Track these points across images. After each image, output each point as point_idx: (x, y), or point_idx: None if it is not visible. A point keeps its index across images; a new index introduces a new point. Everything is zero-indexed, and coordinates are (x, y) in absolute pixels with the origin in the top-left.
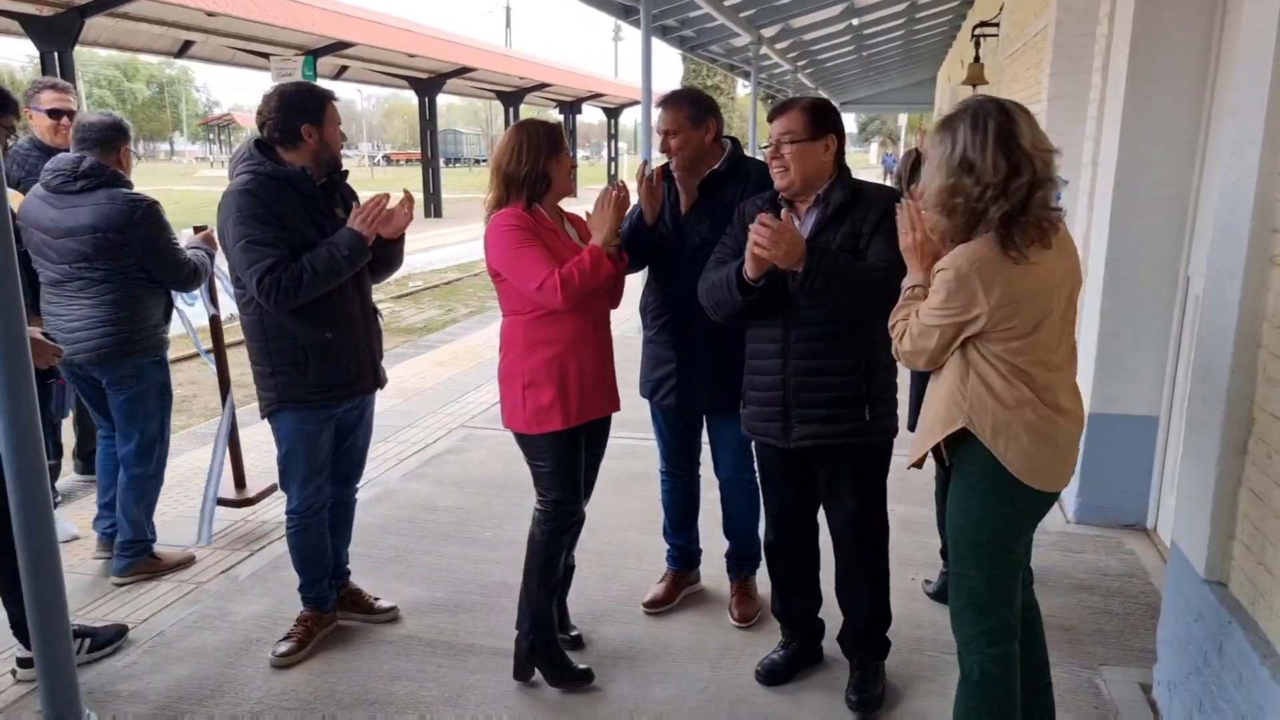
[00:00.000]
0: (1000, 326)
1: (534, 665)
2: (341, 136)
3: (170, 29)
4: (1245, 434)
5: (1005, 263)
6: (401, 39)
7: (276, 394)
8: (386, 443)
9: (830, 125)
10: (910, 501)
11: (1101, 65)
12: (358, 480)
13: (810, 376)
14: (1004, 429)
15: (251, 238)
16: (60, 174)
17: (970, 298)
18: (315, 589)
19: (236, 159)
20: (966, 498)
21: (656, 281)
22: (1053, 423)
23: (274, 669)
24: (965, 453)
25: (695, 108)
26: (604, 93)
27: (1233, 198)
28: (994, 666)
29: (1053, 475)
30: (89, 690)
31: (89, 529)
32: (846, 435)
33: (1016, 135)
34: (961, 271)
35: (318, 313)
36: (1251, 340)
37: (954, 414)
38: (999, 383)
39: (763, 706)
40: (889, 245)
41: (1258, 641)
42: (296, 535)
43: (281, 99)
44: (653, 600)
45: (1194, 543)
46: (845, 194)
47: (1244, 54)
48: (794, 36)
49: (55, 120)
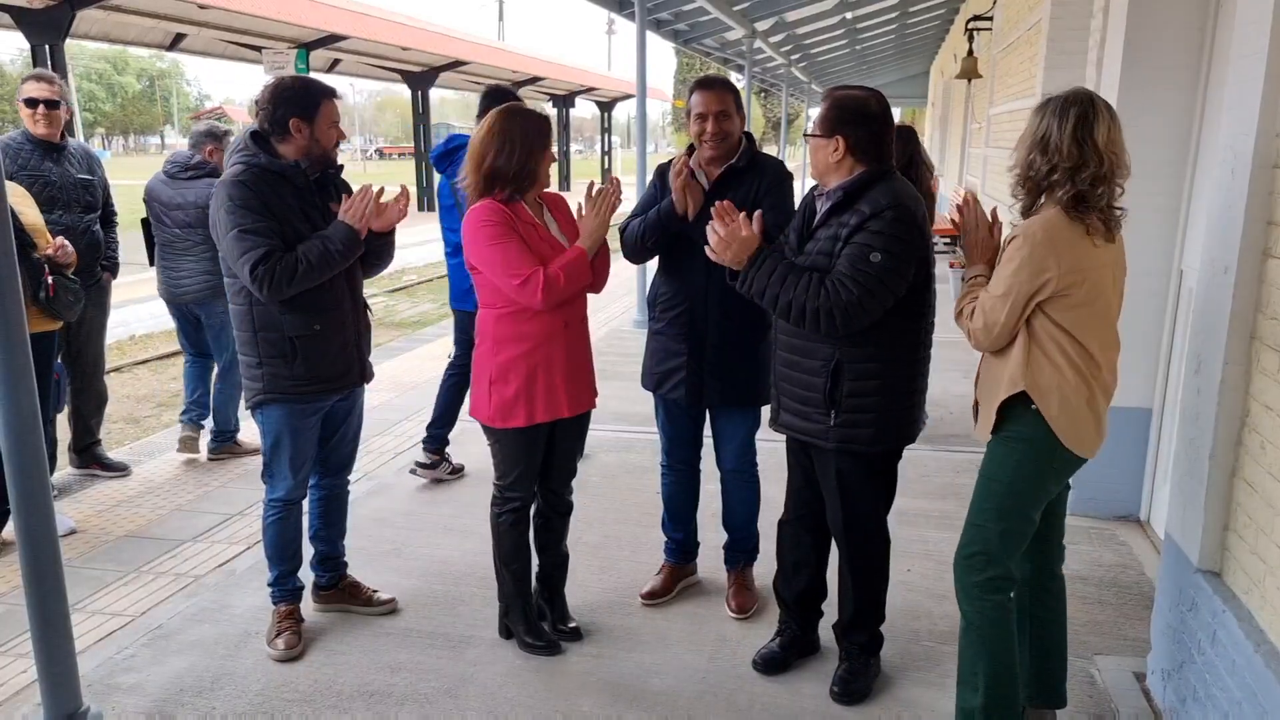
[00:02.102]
0: (1065, 292)
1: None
2: (340, 135)
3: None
4: (1239, 425)
5: (1074, 232)
6: (394, 32)
7: (263, 385)
8: (383, 436)
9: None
10: (905, 494)
11: (1096, 59)
12: (350, 471)
13: (786, 369)
14: (1058, 395)
15: (244, 227)
16: (176, 165)
17: (1042, 261)
18: (291, 581)
19: (232, 149)
20: (1004, 455)
21: (669, 274)
22: (1096, 394)
23: (276, 662)
24: (1014, 416)
25: (737, 98)
26: (597, 86)
27: (1227, 191)
28: (995, 611)
29: (1088, 442)
30: (89, 683)
31: (86, 522)
32: (812, 435)
33: (1093, 129)
34: (1036, 238)
35: (308, 304)
36: (1246, 332)
37: (1016, 379)
38: (1057, 353)
39: (760, 696)
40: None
41: (1251, 630)
42: (277, 523)
43: (274, 91)
44: (650, 592)
45: (1188, 533)
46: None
47: (1238, 47)
48: (788, 30)
49: (32, 109)
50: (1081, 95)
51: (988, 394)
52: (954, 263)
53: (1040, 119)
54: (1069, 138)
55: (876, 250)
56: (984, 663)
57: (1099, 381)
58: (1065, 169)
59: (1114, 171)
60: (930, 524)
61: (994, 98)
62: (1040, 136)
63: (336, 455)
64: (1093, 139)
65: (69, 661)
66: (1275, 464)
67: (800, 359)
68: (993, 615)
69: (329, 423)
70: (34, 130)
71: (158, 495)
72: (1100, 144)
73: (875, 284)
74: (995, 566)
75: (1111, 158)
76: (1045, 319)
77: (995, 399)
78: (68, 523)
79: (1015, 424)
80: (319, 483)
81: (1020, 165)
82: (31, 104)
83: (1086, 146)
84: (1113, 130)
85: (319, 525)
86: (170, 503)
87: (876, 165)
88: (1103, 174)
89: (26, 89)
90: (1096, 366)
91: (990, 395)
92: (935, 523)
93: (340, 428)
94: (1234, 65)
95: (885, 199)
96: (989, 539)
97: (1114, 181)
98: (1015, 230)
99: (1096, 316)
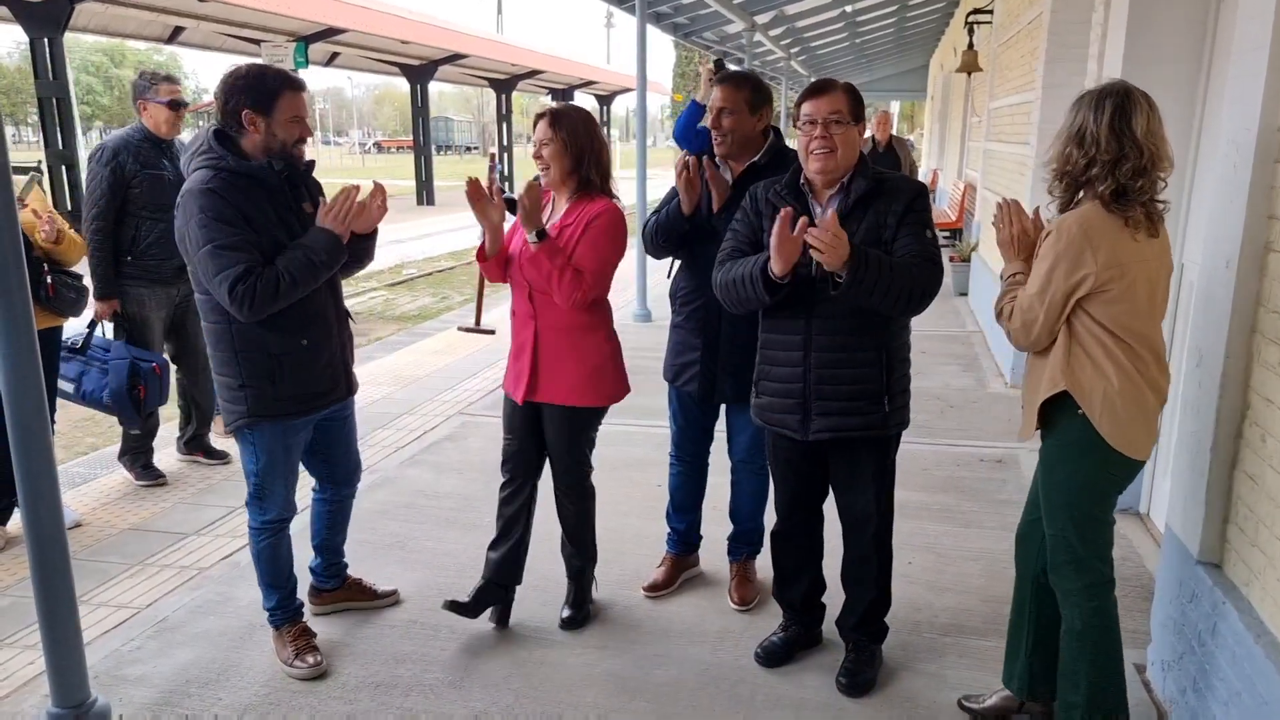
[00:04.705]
0: (1104, 288)
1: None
2: (305, 131)
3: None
4: (1240, 418)
5: (1112, 225)
6: (393, 25)
7: (246, 408)
8: (384, 430)
9: (863, 112)
10: (906, 487)
11: (1097, 53)
12: (358, 479)
13: (832, 369)
14: (1100, 396)
15: (219, 242)
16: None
17: (1078, 258)
18: (293, 601)
19: (192, 151)
20: (1059, 460)
21: (689, 269)
22: (1144, 394)
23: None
24: (1059, 417)
25: (756, 94)
26: (596, 80)
27: (1229, 185)
28: (1096, 618)
29: (1139, 444)
30: (95, 674)
31: (90, 516)
32: (865, 427)
33: (1131, 120)
34: (1071, 233)
35: (291, 319)
36: (1247, 326)
37: (1056, 379)
38: (1099, 352)
39: (763, 688)
40: (916, 237)
41: (1251, 621)
42: (272, 546)
43: (226, 80)
44: (653, 584)
45: (1188, 525)
46: (867, 184)
47: (1239, 41)
48: (787, 23)
49: (175, 111)
50: (1117, 86)
51: (1030, 394)
52: (954, 256)
53: (1075, 113)
54: (1106, 130)
55: (928, 228)
56: (1085, 665)
57: (1147, 379)
58: (1104, 162)
59: (1155, 163)
60: (931, 517)
61: (994, 91)
62: (1076, 130)
63: (341, 468)
64: (1131, 130)
65: (77, 653)
66: (1276, 457)
67: (851, 354)
68: (1094, 621)
69: (325, 438)
70: (164, 132)
71: (161, 489)
72: (1139, 135)
73: (939, 260)
74: (1087, 573)
75: (1152, 149)
76: (1086, 316)
77: (1036, 399)
78: (73, 515)
79: (1063, 427)
80: (326, 495)
81: (1056, 160)
82: (175, 106)
83: (1125, 138)
84: (1152, 120)
85: (325, 533)
86: (173, 496)
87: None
88: (1143, 166)
89: (164, 90)
90: (1143, 364)
91: (1032, 395)
92: (936, 516)
93: (337, 442)
94: (1235, 59)
95: (909, 182)
96: (1071, 546)
97: (1155, 173)
98: (1050, 226)
99: (1138, 313)
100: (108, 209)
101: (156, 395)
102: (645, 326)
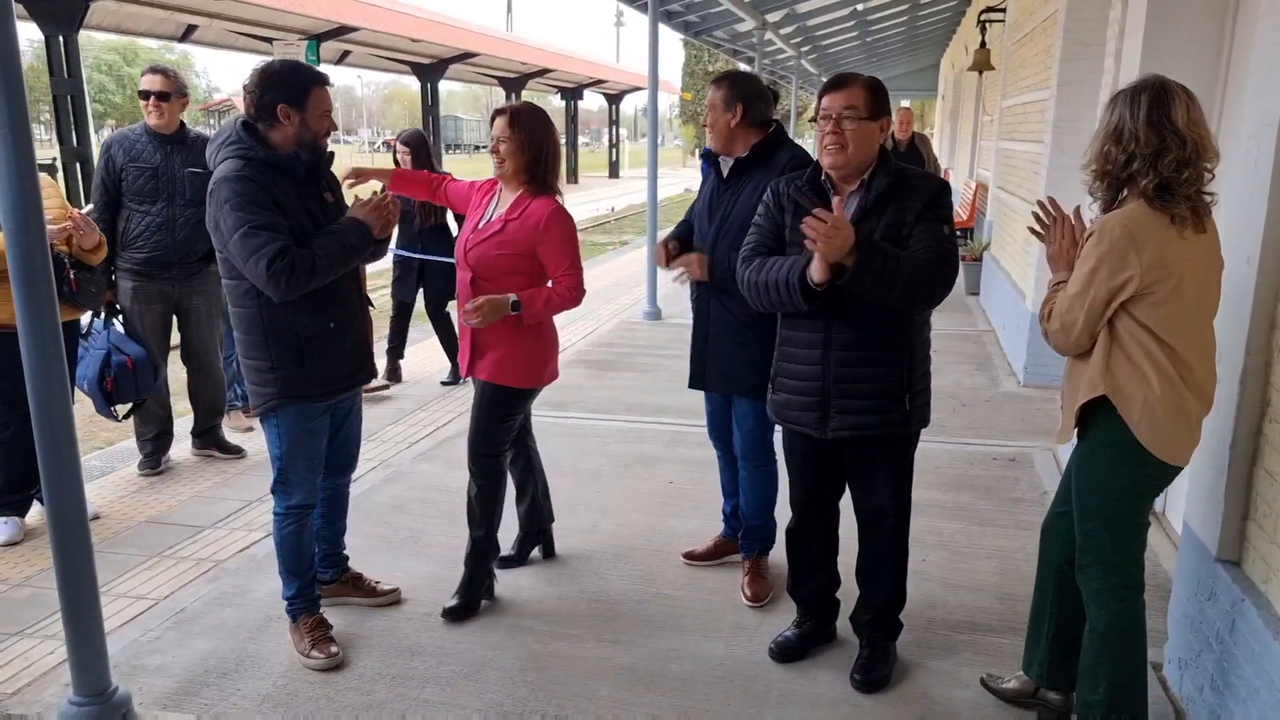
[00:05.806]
0: (1150, 289)
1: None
2: (331, 125)
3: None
4: (1260, 415)
5: (1158, 223)
6: (405, 23)
7: (276, 389)
8: (397, 425)
9: (885, 108)
10: (919, 485)
11: (1115, 50)
12: (353, 470)
13: (852, 367)
14: (1141, 401)
15: (254, 223)
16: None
17: (1121, 259)
18: (312, 590)
19: (220, 142)
20: (1095, 462)
21: None
22: (1186, 400)
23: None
24: (1098, 420)
25: (730, 91)
26: (605, 79)
27: (1249, 181)
28: (1122, 620)
29: (1178, 450)
30: (115, 664)
31: (108, 508)
32: (886, 425)
33: (1169, 111)
34: (1114, 234)
35: (318, 302)
36: (1267, 323)
37: (1095, 383)
38: (1141, 355)
39: (777, 683)
40: (931, 232)
41: (1270, 619)
42: (296, 532)
43: (261, 75)
44: (690, 552)
45: (1207, 523)
46: (889, 180)
47: (1260, 36)
48: (798, 22)
49: (144, 101)
50: (1151, 81)
51: (1069, 397)
52: (965, 255)
53: (1111, 112)
54: (1144, 123)
55: (946, 224)
56: (1107, 666)
57: (1191, 385)
58: (1145, 156)
59: (1199, 154)
60: (945, 515)
61: (1007, 90)
62: (1114, 127)
63: (340, 455)
64: (1170, 121)
65: (99, 643)
66: None
67: (872, 352)
68: (1119, 623)
69: (331, 423)
70: (149, 121)
71: (177, 482)
72: (1180, 125)
73: (955, 257)
74: (1116, 574)
75: (1195, 139)
76: (1129, 319)
77: (1075, 403)
78: (90, 508)
79: (1101, 430)
80: (322, 483)
81: (1096, 159)
82: (144, 96)
83: (1166, 130)
84: (1192, 110)
85: (320, 521)
86: (189, 489)
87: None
88: (1187, 157)
89: (142, 81)
90: (1187, 369)
91: (1071, 398)
92: (949, 514)
93: (342, 428)
94: (1257, 54)
95: (932, 179)
96: (1102, 548)
97: (1201, 164)
98: (1093, 226)
99: (1185, 315)
100: (99, 201)
101: (130, 389)
102: (655, 325)
